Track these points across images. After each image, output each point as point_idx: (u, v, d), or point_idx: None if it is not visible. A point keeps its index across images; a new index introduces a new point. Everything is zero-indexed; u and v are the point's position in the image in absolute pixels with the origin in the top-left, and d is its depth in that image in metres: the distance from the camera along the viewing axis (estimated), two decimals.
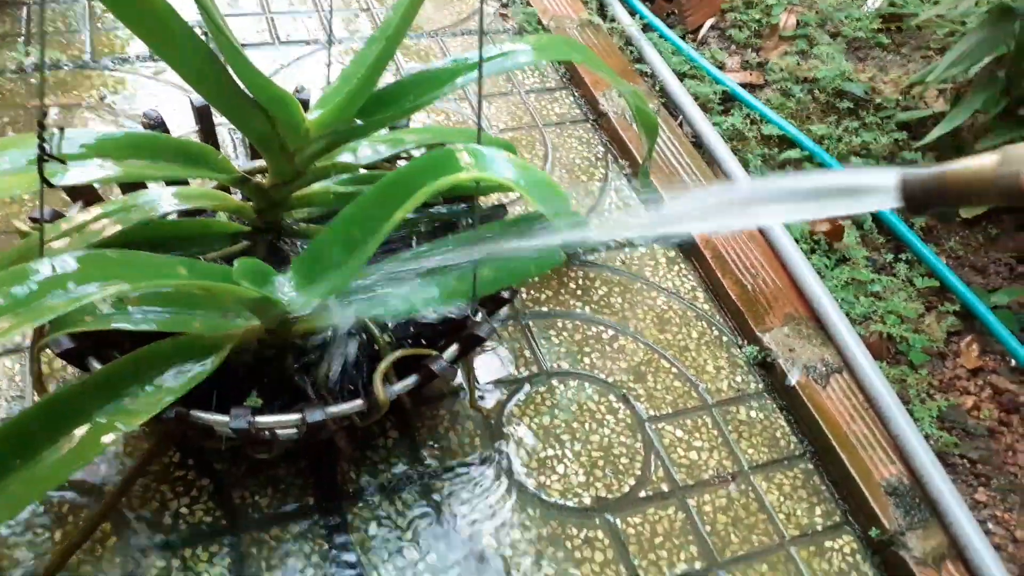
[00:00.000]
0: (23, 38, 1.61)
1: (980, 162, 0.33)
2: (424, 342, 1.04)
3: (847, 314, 1.31)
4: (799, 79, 1.75)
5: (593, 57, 1.06)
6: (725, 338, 1.33)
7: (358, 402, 0.90)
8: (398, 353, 0.91)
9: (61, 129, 0.83)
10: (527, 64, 1.02)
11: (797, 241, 1.38)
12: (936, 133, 1.47)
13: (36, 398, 1.02)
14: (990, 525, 1.19)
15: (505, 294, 1.02)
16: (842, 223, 1.42)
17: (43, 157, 0.78)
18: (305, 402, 0.94)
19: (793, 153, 1.58)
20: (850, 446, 1.15)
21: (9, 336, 0.68)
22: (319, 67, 1.65)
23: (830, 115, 1.68)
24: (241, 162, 1.42)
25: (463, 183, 0.74)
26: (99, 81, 1.56)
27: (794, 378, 1.16)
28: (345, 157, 1.00)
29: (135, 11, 0.77)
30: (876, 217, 1.50)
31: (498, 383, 1.22)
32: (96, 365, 0.87)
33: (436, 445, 1.13)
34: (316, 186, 1.04)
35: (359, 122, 0.91)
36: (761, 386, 1.27)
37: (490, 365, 1.24)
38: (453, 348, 0.96)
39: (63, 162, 0.80)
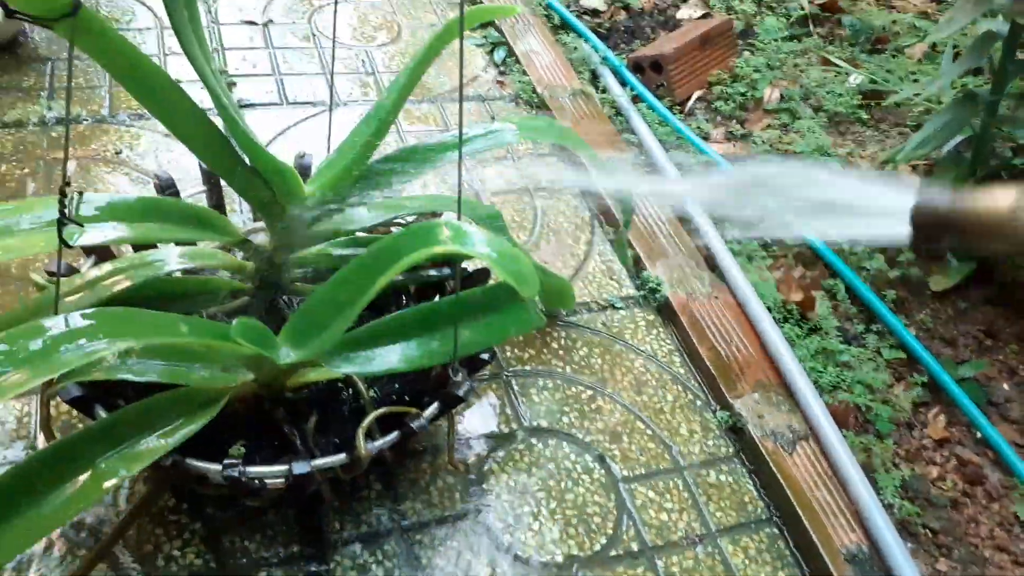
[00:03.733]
0: (46, 92, 1.70)
1: (995, 201, 0.29)
2: (407, 398, 1.10)
3: (815, 383, 1.37)
4: (780, 151, 1.84)
5: (574, 137, 1.14)
6: (699, 402, 1.39)
7: (341, 456, 0.96)
8: (380, 411, 0.97)
9: (80, 193, 0.91)
10: (511, 143, 1.10)
11: (770, 309, 1.45)
12: None
13: (43, 440, 1.08)
14: None
15: (485, 355, 1.09)
16: (814, 294, 1.49)
17: (63, 220, 0.86)
18: (292, 454, 1.00)
19: None
20: (813, 512, 1.21)
21: (26, 388, 0.75)
22: (324, 127, 1.74)
23: None
24: (246, 217, 1.50)
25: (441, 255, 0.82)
26: (115, 136, 1.65)
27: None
28: (342, 222, 1.07)
29: (148, 90, 0.85)
30: (849, 288, 1.57)
31: (479, 439, 1.28)
32: (102, 413, 0.94)
33: (417, 498, 1.18)
34: (314, 248, 1.11)
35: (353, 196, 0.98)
36: (732, 450, 1.33)
37: (472, 421, 1.30)
38: (434, 407, 1.02)
39: (80, 225, 0.88)
